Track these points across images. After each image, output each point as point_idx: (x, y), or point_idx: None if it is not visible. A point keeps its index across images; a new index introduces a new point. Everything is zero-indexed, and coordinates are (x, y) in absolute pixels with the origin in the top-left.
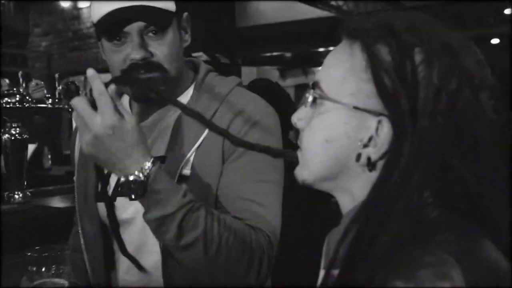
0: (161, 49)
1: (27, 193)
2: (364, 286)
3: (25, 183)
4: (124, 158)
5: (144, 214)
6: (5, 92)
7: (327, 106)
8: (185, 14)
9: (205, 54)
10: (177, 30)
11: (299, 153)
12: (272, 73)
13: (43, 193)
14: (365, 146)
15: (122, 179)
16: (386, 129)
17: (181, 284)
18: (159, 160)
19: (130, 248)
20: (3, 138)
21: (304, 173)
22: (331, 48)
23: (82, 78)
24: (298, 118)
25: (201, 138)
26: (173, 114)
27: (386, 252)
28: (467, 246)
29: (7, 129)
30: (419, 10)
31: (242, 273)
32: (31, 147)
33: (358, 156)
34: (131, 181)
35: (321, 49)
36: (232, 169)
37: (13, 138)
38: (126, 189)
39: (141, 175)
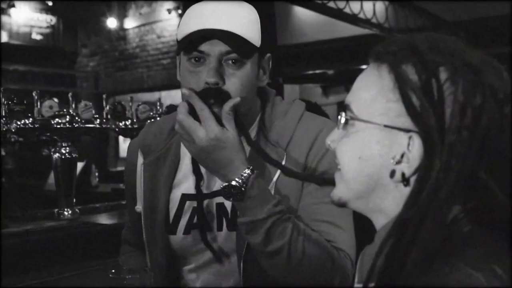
0: (235, 80)
1: (76, 210)
2: None
3: (74, 200)
4: (226, 166)
5: (238, 218)
6: (56, 113)
7: (358, 126)
8: (268, 55)
9: None
10: (256, 66)
11: (336, 174)
12: (315, 90)
13: (90, 210)
14: (398, 162)
15: (225, 183)
16: (417, 145)
17: None
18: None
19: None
20: (54, 157)
21: (341, 190)
22: None
23: (129, 97)
24: (332, 140)
25: (284, 162)
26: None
27: (417, 266)
28: (496, 262)
29: (57, 149)
30: (461, 25)
31: (322, 285)
32: (79, 165)
33: (392, 173)
34: (232, 185)
35: (363, 66)
36: (308, 192)
37: (63, 157)
38: (227, 192)
39: (240, 181)
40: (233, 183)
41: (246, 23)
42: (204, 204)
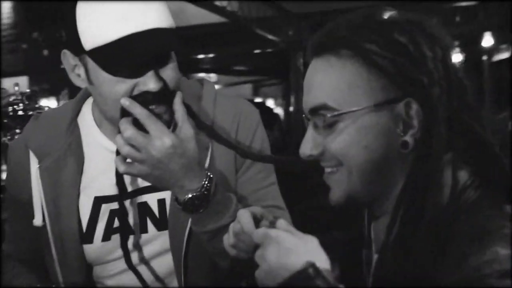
0: (172, 74)
1: None
2: (416, 264)
3: None
4: (185, 175)
5: (198, 227)
6: None
7: (346, 119)
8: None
9: None
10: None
11: (332, 176)
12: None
13: None
14: (405, 132)
15: (185, 196)
16: (415, 108)
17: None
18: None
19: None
20: None
21: (350, 188)
22: None
23: None
24: (312, 147)
25: (209, 151)
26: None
27: (430, 230)
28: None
29: None
30: (305, 17)
31: None
32: None
33: (404, 143)
34: (196, 197)
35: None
36: (247, 179)
37: None
38: (189, 205)
39: (204, 190)
40: (196, 193)
41: (162, 10)
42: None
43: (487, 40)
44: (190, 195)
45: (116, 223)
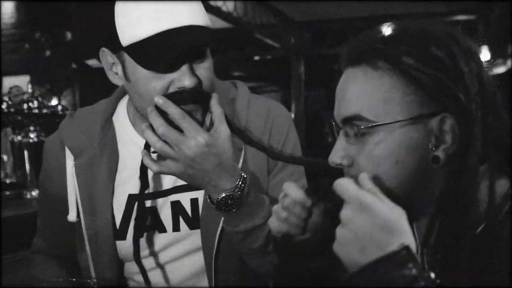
0: (207, 75)
1: None
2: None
3: None
4: (220, 175)
5: (230, 227)
6: None
7: (379, 132)
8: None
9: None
10: (208, 51)
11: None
12: None
13: None
14: (437, 147)
15: (219, 196)
16: (449, 124)
17: None
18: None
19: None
20: None
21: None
22: None
23: None
24: (342, 157)
25: (243, 152)
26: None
27: (471, 235)
28: None
29: None
30: (307, 25)
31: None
32: None
33: (435, 158)
34: (229, 196)
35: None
36: (277, 183)
37: None
38: (223, 204)
39: (237, 190)
40: (230, 193)
41: (199, 9)
42: (157, 203)
43: (485, 54)
44: (223, 195)
45: (149, 221)
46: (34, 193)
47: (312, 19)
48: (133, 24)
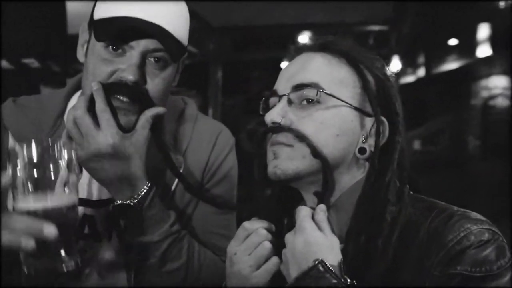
0: (157, 82)
1: None
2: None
3: None
4: (122, 180)
5: (128, 236)
6: None
7: (328, 104)
8: (185, 55)
9: (36, 61)
10: (176, 68)
11: (286, 148)
12: None
13: None
14: (364, 142)
15: (117, 202)
16: (375, 128)
17: None
18: (154, 185)
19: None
20: None
21: (301, 163)
22: None
23: None
24: (282, 116)
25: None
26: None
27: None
28: None
29: None
30: (226, 31)
31: None
32: None
33: (362, 150)
34: (127, 205)
35: None
36: (202, 202)
37: None
38: (120, 211)
39: (137, 201)
40: (128, 201)
41: (179, 21)
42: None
43: (396, 64)
44: (119, 202)
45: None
46: None
47: (229, 24)
48: (110, 4)
